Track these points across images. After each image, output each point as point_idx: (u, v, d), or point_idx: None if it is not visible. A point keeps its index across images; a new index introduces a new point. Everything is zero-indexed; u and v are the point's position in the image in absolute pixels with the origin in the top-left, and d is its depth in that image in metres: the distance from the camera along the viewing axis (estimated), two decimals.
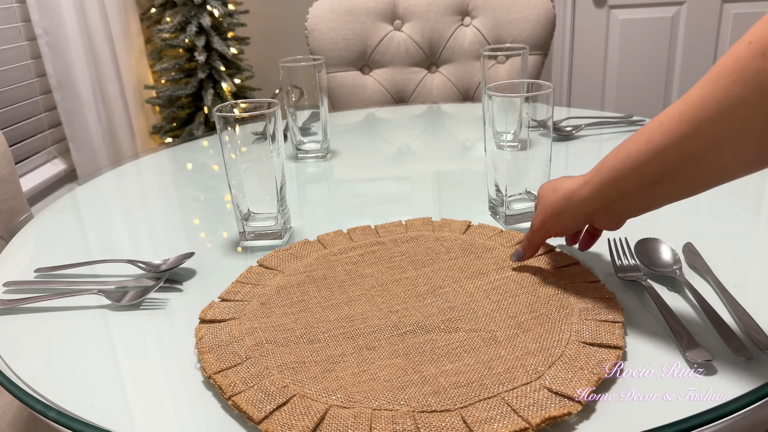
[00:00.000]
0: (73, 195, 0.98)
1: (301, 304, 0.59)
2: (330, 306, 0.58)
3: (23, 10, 1.80)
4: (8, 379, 0.52)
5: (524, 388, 0.45)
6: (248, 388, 0.48)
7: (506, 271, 0.62)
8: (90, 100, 1.88)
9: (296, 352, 0.52)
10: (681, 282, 0.59)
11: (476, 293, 0.58)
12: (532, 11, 1.52)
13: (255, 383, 0.48)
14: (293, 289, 0.62)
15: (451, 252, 0.67)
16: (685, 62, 2.33)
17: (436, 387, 0.46)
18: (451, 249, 0.67)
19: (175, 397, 0.50)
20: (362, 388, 0.47)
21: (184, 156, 1.15)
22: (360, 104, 1.57)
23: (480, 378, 0.47)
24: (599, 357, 0.48)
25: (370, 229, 0.74)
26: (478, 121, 1.22)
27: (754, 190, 0.79)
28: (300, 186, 0.96)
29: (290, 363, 0.50)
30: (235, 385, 0.48)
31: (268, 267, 0.67)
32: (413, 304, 0.57)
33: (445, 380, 0.47)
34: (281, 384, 0.48)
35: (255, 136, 0.70)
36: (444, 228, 0.73)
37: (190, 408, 0.48)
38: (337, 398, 0.46)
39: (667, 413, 0.44)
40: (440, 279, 0.62)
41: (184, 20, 2.12)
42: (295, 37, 2.43)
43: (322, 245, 0.71)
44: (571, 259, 0.64)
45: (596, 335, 0.51)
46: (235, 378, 0.49)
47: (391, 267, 0.65)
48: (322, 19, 1.54)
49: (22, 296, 0.66)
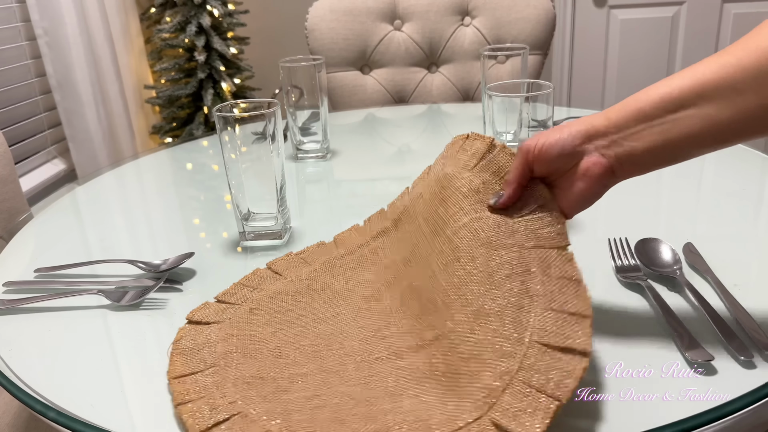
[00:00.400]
0: (73, 195, 0.98)
1: (289, 314, 0.58)
2: (315, 320, 0.57)
3: (23, 10, 1.80)
4: (8, 379, 0.52)
5: (468, 429, 0.40)
6: (198, 398, 0.47)
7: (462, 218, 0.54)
8: (90, 100, 1.88)
9: (259, 366, 0.51)
10: (681, 282, 0.59)
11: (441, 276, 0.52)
12: (532, 11, 1.52)
13: (206, 394, 0.47)
14: (287, 297, 0.61)
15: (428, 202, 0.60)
16: (685, 62, 2.33)
17: (380, 425, 0.43)
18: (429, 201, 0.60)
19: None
20: (304, 415, 0.45)
21: (184, 156, 1.15)
22: (360, 104, 1.57)
23: (428, 417, 0.42)
24: (562, 368, 0.42)
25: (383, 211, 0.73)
26: (478, 121, 1.22)
27: (754, 190, 0.79)
28: (300, 186, 0.96)
29: (248, 377, 0.49)
30: (187, 393, 0.47)
31: (274, 271, 0.66)
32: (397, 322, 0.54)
33: (393, 418, 0.43)
34: (230, 399, 0.47)
35: (255, 136, 0.70)
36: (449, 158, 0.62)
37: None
38: (276, 424, 0.44)
39: (667, 413, 0.44)
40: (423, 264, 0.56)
41: (183, 20, 2.12)
42: (295, 37, 2.43)
43: (335, 245, 0.70)
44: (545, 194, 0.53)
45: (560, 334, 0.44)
46: (190, 386, 0.48)
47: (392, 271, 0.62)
48: (322, 19, 1.54)
49: (22, 296, 0.66)
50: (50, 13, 1.77)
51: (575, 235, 0.71)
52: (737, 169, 0.86)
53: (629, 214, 0.76)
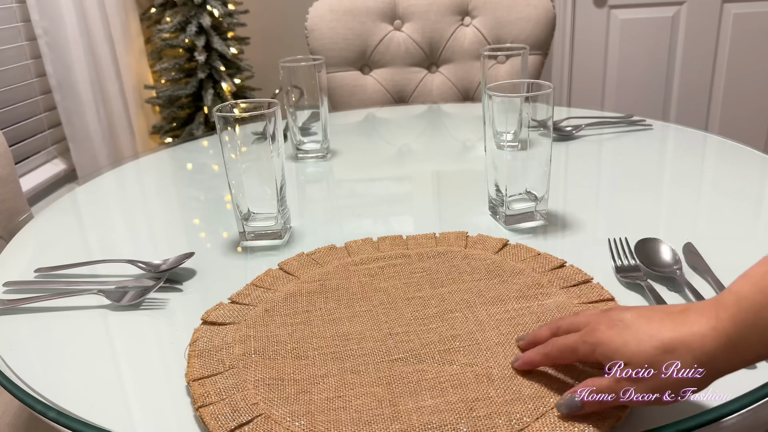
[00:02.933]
0: (73, 195, 0.98)
1: (304, 315, 0.58)
2: (331, 320, 0.57)
3: (23, 10, 1.80)
4: (8, 379, 0.52)
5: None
6: (219, 401, 0.47)
7: (528, 300, 0.57)
8: (90, 100, 1.88)
9: (279, 367, 0.51)
10: (681, 282, 0.59)
11: (487, 322, 0.55)
12: (532, 11, 1.52)
13: (227, 396, 0.47)
14: (302, 298, 0.61)
15: (475, 273, 0.63)
16: (685, 62, 2.33)
17: (405, 426, 0.43)
18: (477, 269, 0.63)
19: (174, 397, 0.49)
20: (329, 416, 0.45)
21: (184, 156, 1.15)
22: (360, 104, 1.57)
23: (456, 420, 0.43)
24: (600, 413, 0.42)
25: (400, 239, 0.71)
26: (478, 121, 1.22)
27: (754, 190, 0.79)
28: (300, 186, 0.96)
29: (268, 378, 0.49)
30: (208, 395, 0.47)
31: (286, 271, 0.66)
32: (415, 328, 0.54)
33: (418, 419, 0.44)
34: (252, 401, 0.47)
35: (255, 136, 0.70)
36: (477, 245, 0.68)
37: (189, 408, 0.48)
38: (300, 425, 0.44)
39: (667, 413, 0.44)
40: (454, 302, 0.58)
41: (184, 20, 2.12)
42: (295, 37, 2.43)
43: (347, 252, 0.69)
44: (606, 294, 0.57)
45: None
46: (210, 388, 0.48)
47: (408, 283, 0.62)
48: (322, 19, 1.54)
49: (22, 296, 0.66)
50: (50, 13, 1.77)
51: (575, 234, 0.72)
52: (737, 169, 0.86)
53: (629, 214, 0.76)
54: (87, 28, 1.88)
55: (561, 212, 0.78)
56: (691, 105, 2.39)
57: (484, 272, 0.63)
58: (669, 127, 1.07)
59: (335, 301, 0.60)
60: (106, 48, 1.97)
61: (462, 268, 0.64)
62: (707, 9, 2.26)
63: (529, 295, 0.58)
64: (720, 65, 2.32)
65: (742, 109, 2.38)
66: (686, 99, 2.39)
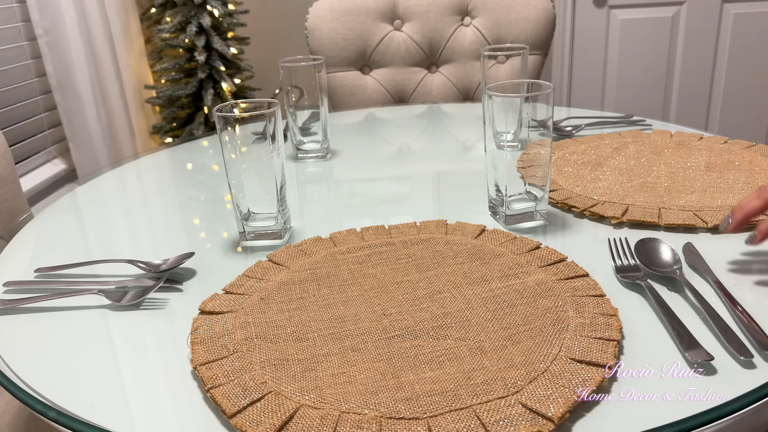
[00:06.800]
0: (73, 195, 0.98)
1: (299, 301, 0.60)
2: (326, 305, 0.59)
3: (23, 10, 1.80)
4: (8, 379, 0.52)
5: (498, 402, 0.45)
6: (228, 382, 0.48)
7: (510, 279, 0.61)
8: (90, 100, 1.88)
9: (282, 349, 0.53)
10: (681, 282, 0.59)
11: (474, 300, 0.58)
12: (532, 11, 1.52)
13: (236, 377, 0.49)
14: (294, 286, 0.62)
15: (458, 256, 0.66)
16: (685, 62, 2.33)
17: (409, 394, 0.46)
18: (459, 253, 0.67)
19: (174, 397, 0.50)
20: (336, 390, 0.47)
21: (184, 156, 1.15)
22: (360, 104, 1.57)
23: (456, 388, 0.46)
24: (585, 375, 0.47)
25: (383, 229, 0.74)
26: (478, 121, 1.22)
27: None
28: (300, 186, 0.96)
29: (274, 360, 0.51)
30: (216, 377, 0.49)
31: (275, 262, 0.67)
32: (408, 308, 0.57)
33: (421, 387, 0.47)
34: (260, 380, 0.49)
35: (255, 136, 0.70)
36: (457, 231, 0.72)
37: (189, 408, 0.48)
38: (310, 398, 0.46)
39: (667, 413, 0.44)
40: (441, 284, 0.61)
41: (184, 20, 2.12)
42: (295, 37, 2.43)
43: (333, 243, 0.71)
44: (581, 271, 0.61)
45: (587, 352, 0.49)
46: (218, 371, 0.50)
47: (396, 269, 0.65)
48: (322, 19, 1.54)
49: (22, 296, 0.66)
50: (50, 13, 1.77)
51: (575, 234, 0.72)
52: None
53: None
54: (87, 28, 1.88)
55: (561, 212, 0.78)
56: (691, 105, 2.39)
57: (466, 255, 0.66)
58: (669, 127, 1.07)
59: (327, 287, 0.62)
60: (106, 48, 1.97)
61: (445, 253, 0.67)
62: (707, 9, 2.26)
63: (510, 274, 0.62)
64: (720, 65, 2.32)
65: (742, 109, 2.38)
66: (686, 99, 2.39)
